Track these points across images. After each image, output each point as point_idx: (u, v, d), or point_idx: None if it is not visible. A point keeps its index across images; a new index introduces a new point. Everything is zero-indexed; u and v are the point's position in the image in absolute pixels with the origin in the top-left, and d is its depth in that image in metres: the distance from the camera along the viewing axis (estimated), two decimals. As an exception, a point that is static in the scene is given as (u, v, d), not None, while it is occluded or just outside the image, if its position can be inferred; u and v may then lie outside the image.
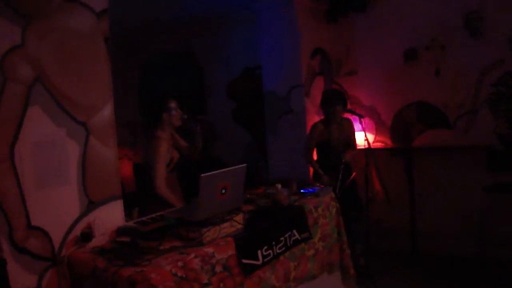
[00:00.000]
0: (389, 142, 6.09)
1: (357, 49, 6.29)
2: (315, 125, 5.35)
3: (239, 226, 3.31)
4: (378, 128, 6.12)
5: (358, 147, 5.41)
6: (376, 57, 6.11)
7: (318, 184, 4.77)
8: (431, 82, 5.74)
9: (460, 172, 5.52)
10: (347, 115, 5.34)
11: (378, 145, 6.06)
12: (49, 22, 2.98)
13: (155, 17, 7.05)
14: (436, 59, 5.68)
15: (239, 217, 3.36)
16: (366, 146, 5.05)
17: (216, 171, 3.05)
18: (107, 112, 3.32)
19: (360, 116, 5.09)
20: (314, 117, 5.78)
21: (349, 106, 5.40)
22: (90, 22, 3.22)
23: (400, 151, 5.95)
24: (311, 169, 5.53)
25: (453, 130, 5.62)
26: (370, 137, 5.96)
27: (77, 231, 3.12)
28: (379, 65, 6.08)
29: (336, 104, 5.09)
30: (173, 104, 4.22)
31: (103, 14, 3.29)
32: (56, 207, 3.02)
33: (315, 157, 5.47)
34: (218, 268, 2.92)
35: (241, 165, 3.32)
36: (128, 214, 5.74)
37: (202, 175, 2.92)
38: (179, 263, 2.68)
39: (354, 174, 4.87)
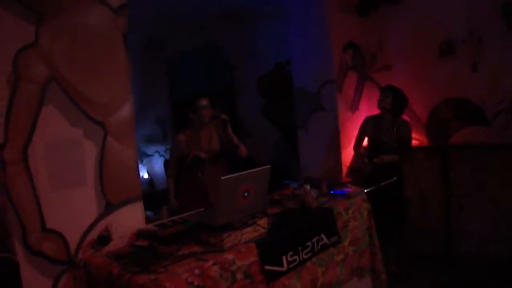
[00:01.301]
0: (424, 140, 5.85)
1: (391, 42, 6.04)
2: (366, 119, 5.25)
3: (263, 231, 3.17)
4: (413, 125, 5.87)
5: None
6: (410, 51, 5.85)
7: (350, 182, 4.59)
8: (468, 77, 5.44)
9: (499, 171, 5.25)
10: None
11: (414, 142, 5.82)
12: (63, 19, 2.89)
13: (183, 13, 6.95)
14: (473, 52, 5.39)
15: (263, 221, 3.21)
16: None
17: (237, 173, 2.92)
18: (125, 111, 3.22)
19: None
20: (346, 113, 5.60)
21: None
22: (107, 18, 3.12)
23: (435, 149, 5.71)
24: (347, 162, 5.39)
25: (491, 127, 5.35)
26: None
27: (94, 234, 3.04)
28: (414, 60, 5.82)
29: (384, 94, 4.96)
30: (202, 102, 4.14)
31: (121, 10, 3.19)
32: (72, 209, 2.94)
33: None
34: (239, 276, 2.78)
35: (264, 167, 3.17)
36: (157, 212, 5.70)
37: (222, 178, 2.79)
38: (196, 271, 2.55)
39: (394, 178, 4.65)
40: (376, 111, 5.17)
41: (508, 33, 5.08)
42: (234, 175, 2.88)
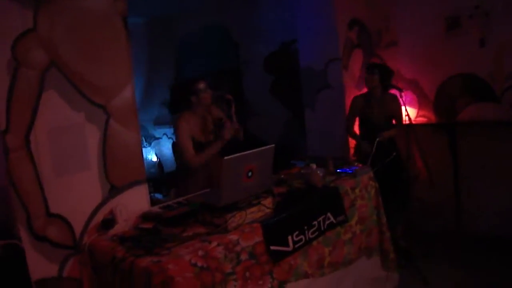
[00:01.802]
0: (432, 117, 5.79)
1: (396, 19, 5.96)
2: (355, 98, 5.23)
3: (268, 211, 3.15)
4: (421, 102, 5.82)
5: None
6: (416, 27, 5.76)
7: (356, 161, 4.56)
8: (476, 52, 5.36)
9: (508, 148, 5.21)
10: (392, 91, 5.12)
11: (421, 120, 5.78)
12: (61, 4, 2.84)
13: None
14: (480, 27, 5.31)
15: (268, 201, 3.19)
16: (407, 122, 4.81)
17: (239, 153, 2.89)
18: (127, 94, 3.20)
19: (400, 90, 4.87)
20: (353, 91, 5.56)
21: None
22: (106, 1, 3.08)
23: (443, 126, 5.65)
24: (352, 143, 5.35)
25: (500, 103, 5.28)
26: (412, 112, 5.68)
27: (99, 217, 3.04)
28: (420, 36, 5.74)
29: (371, 72, 4.93)
30: (200, 86, 4.07)
31: (119, -7, 3.15)
32: (76, 194, 2.94)
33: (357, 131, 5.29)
34: (244, 256, 2.77)
35: (268, 146, 3.14)
36: (166, 195, 5.71)
37: (224, 158, 2.77)
38: (200, 252, 2.55)
39: (393, 154, 4.60)
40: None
41: (515, 6, 5.00)
42: (236, 155, 2.85)
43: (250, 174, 2.97)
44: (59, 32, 2.83)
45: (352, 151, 5.49)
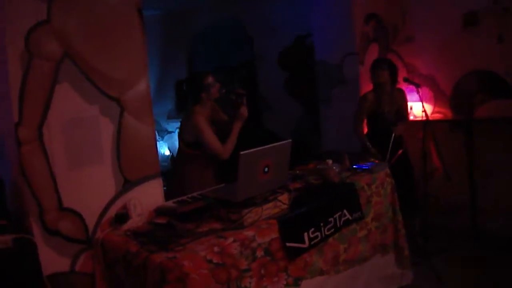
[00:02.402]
0: (448, 114, 5.70)
1: (413, 13, 5.86)
2: (364, 96, 5.11)
3: (284, 207, 3.10)
4: (437, 98, 5.73)
5: (416, 119, 5.11)
6: (433, 22, 5.67)
7: (369, 159, 4.48)
8: (494, 48, 5.24)
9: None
10: (401, 86, 5.06)
11: (437, 116, 5.68)
12: (75, -5, 2.80)
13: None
14: (498, 23, 5.20)
15: (284, 197, 3.13)
16: (424, 118, 4.73)
17: (256, 148, 2.83)
18: (142, 87, 3.15)
19: (417, 86, 4.78)
20: (369, 87, 5.49)
21: (405, 75, 5.09)
22: (120, -7, 3.03)
23: (459, 123, 5.57)
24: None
25: (517, 100, 5.20)
26: (429, 108, 5.60)
27: (113, 212, 3.00)
28: (437, 31, 5.63)
29: (379, 67, 4.86)
30: (210, 80, 4.01)
31: (134, -15, 3.10)
32: (89, 188, 2.90)
33: (365, 129, 5.21)
34: (259, 253, 2.72)
35: (285, 141, 3.09)
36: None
37: (241, 152, 2.71)
38: (215, 248, 2.50)
39: (401, 150, 4.52)
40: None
41: (535, 1, 4.91)
42: (253, 149, 2.79)
43: (266, 169, 2.91)
44: (73, 24, 2.79)
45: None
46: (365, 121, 5.17)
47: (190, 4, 7.90)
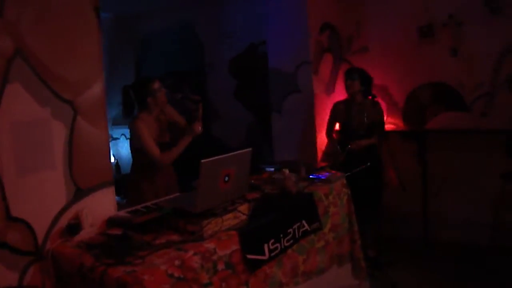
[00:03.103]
0: (401, 124, 5.75)
1: (368, 24, 5.90)
2: (335, 104, 5.16)
3: (243, 218, 2.99)
4: (390, 109, 5.77)
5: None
6: (388, 33, 5.73)
7: (327, 166, 4.44)
8: (447, 61, 5.37)
9: (477, 158, 5.21)
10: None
11: (390, 127, 5.72)
12: (30, -12, 2.63)
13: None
14: (453, 36, 5.30)
15: (244, 207, 3.03)
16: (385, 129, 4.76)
17: (218, 156, 2.72)
18: (97, 90, 3.00)
19: (374, 96, 4.80)
20: (322, 96, 5.48)
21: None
22: (77, -10, 2.88)
23: (413, 134, 5.61)
24: (321, 149, 5.27)
25: (470, 112, 5.28)
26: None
27: (63, 222, 2.82)
28: (392, 42, 5.71)
29: (351, 78, 4.86)
30: (156, 85, 3.94)
31: (91, -18, 2.95)
32: (39, 195, 2.71)
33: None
34: (220, 266, 2.60)
35: (246, 149, 3.00)
36: (124, 198, 5.46)
37: (203, 161, 2.59)
38: (176, 262, 2.36)
39: (368, 163, 4.49)
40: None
41: (489, 17, 5.01)
42: (214, 158, 2.68)
43: (227, 178, 2.81)
44: (27, 19, 2.61)
45: (320, 156, 5.41)
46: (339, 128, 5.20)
47: (139, 8, 7.72)
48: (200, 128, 3.94)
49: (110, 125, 8.48)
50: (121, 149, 8.64)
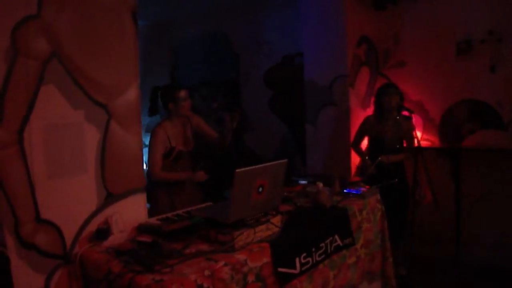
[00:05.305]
0: (436, 141, 5.62)
1: (406, 39, 5.80)
2: (366, 118, 5.04)
3: (276, 230, 2.92)
4: (426, 125, 5.65)
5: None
6: (426, 49, 5.61)
7: (362, 184, 4.34)
8: (486, 78, 5.21)
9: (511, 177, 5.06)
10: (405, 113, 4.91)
11: (425, 143, 5.60)
12: (69, -9, 2.62)
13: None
14: (492, 53, 5.16)
15: (277, 219, 2.96)
16: (416, 145, 4.63)
17: (253, 167, 2.66)
18: (132, 94, 2.97)
19: (411, 112, 4.68)
20: (358, 110, 5.39)
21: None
22: (116, -7, 2.86)
23: (448, 151, 5.48)
24: (355, 163, 5.23)
25: (507, 131, 5.13)
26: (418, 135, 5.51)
27: (93, 226, 2.79)
28: (430, 58, 5.58)
29: (392, 93, 4.73)
30: (181, 94, 3.95)
31: (130, -14, 2.93)
32: (70, 199, 2.69)
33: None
34: (251, 278, 2.53)
35: (281, 160, 2.93)
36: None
37: (237, 170, 2.53)
38: (206, 272, 2.31)
39: (395, 180, 4.38)
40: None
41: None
42: (249, 168, 2.62)
43: (261, 189, 2.74)
44: (64, 21, 2.60)
45: (354, 170, 5.31)
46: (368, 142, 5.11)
47: (177, 16, 7.74)
48: (203, 177, 3.99)
49: (143, 132, 8.52)
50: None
